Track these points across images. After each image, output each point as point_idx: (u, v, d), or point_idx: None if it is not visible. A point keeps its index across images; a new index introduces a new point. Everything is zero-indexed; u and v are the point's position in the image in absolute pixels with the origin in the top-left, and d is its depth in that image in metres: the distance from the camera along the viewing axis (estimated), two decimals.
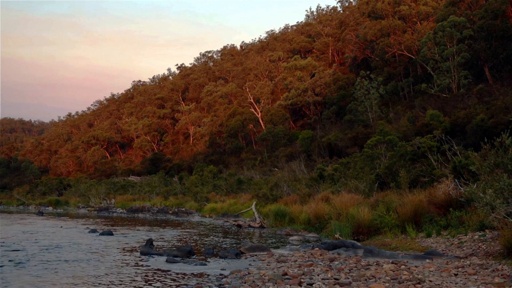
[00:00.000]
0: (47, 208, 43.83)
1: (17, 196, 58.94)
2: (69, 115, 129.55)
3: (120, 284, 8.28)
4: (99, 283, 8.37)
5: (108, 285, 8.25)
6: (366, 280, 7.59)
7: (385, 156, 21.77)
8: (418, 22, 49.10)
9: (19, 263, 10.62)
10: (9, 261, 10.78)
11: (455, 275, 7.64)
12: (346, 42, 58.85)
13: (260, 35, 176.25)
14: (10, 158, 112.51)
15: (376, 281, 7.45)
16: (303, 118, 58.19)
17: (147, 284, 8.32)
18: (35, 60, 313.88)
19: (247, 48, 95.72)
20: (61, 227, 21.38)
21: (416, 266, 8.53)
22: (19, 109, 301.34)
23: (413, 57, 45.06)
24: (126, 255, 12.01)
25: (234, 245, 13.78)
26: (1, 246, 13.73)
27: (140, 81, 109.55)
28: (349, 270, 8.51)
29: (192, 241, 15.18)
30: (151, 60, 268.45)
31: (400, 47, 46.58)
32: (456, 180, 13.96)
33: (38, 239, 15.62)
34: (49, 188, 59.92)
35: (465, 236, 10.94)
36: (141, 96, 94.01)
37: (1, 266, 10.11)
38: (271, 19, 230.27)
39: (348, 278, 7.75)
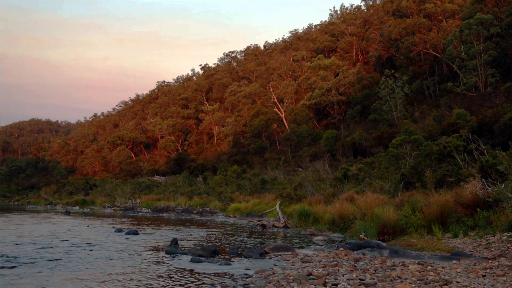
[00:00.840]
0: (73, 207, 44.42)
1: (44, 196, 59.98)
2: (95, 115, 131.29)
3: (146, 283, 8.36)
4: (127, 281, 8.46)
5: (135, 283, 8.33)
6: (391, 280, 7.52)
7: (411, 155, 21.56)
8: (444, 20, 48.53)
9: (56, 260, 10.99)
10: (46, 259, 11.05)
11: (483, 276, 7.52)
12: (370, 41, 58.44)
13: (284, 35, 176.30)
14: (37, 158, 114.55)
15: (402, 281, 7.38)
16: (327, 117, 57.93)
17: (172, 283, 8.37)
18: (62, 62, 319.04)
19: (270, 48, 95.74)
20: (88, 226, 21.68)
21: (442, 267, 8.42)
22: (46, 110, 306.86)
23: (439, 56, 44.52)
24: (151, 254, 12.11)
25: (259, 245, 13.78)
26: (34, 244, 14.12)
27: (164, 81, 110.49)
28: (375, 271, 8.45)
29: (216, 240, 15.24)
30: (175, 60, 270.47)
31: (426, 46, 46.07)
32: (483, 180, 13.76)
33: (67, 238, 15.90)
34: (76, 188, 60.75)
35: (493, 237, 10.77)
36: (166, 96, 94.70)
37: (42, 261, 10.34)
38: (294, 19, 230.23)
39: (374, 279, 7.70)
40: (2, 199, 73.13)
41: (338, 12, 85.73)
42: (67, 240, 15.21)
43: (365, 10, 77.85)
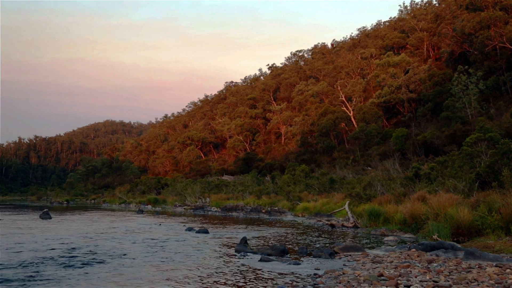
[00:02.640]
0: (146, 206, 45.75)
1: (119, 195, 62.19)
2: (166, 116, 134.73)
3: (216, 281, 8.47)
4: (198, 279, 8.61)
5: (205, 281, 8.46)
6: (467, 283, 7.25)
7: (486, 154, 20.73)
8: None
9: (148, 253, 11.95)
10: (125, 254, 11.79)
11: None
12: (442, 37, 56.66)
13: (352, 32, 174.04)
14: (112, 159, 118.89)
15: (478, 284, 7.10)
16: (396, 115, 56.72)
17: (242, 281, 8.44)
18: (135, 64, 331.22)
19: (338, 46, 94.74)
20: (160, 224, 22.26)
21: None
22: (120, 111, 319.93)
23: None
24: (221, 252, 12.27)
25: (328, 244, 13.67)
26: (114, 239, 15.07)
27: (232, 82, 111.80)
28: (449, 273, 8.18)
29: (285, 240, 15.24)
30: (243, 61, 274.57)
31: (502, 39, 44.15)
32: None
33: (143, 235, 16.49)
34: (148, 187, 62.52)
35: None
36: (234, 96, 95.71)
37: (122, 256, 10.80)
38: (363, 16, 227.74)
39: (448, 281, 7.45)
40: (80, 198, 76.39)
41: (408, 7, 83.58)
42: (146, 236, 15.74)
43: (437, 5, 75.45)
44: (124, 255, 11.63)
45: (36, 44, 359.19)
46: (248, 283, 8.24)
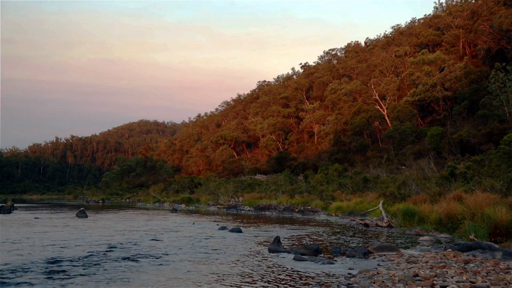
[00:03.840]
0: (180, 205, 46.15)
1: (153, 194, 62.91)
2: (199, 116, 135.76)
3: (249, 280, 8.51)
4: (231, 277, 8.68)
5: (238, 280, 8.51)
6: (506, 284, 7.11)
7: None
8: None
9: (183, 250, 11.83)
10: (161, 251, 11.72)
11: None
12: (478, 33, 55.57)
13: (385, 30, 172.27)
14: (146, 158, 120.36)
15: None
16: (431, 114, 55.85)
17: (275, 280, 8.47)
18: (169, 64, 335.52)
19: (371, 44, 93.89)
20: (193, 223, 22.45)
21: None
22: (154, 111, 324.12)
23: None
24: (254, 251, 12.31)
25: (362, 244, 13.58)
26: (159, 237, 15.14)
27: (265, 81, 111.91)
28: (487, 273, 8.04)
29: (319, 239, 15.19)
30: (276, 60, 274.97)
31: None
32: None
33: (177, 234, 16.67)
34: (182, 186, 63.07)
35: None
36: (266, 96, 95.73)
37: (160, 253, 10.96)
38: (397, 14, 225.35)
39: (486, 282, 7.32)
40: (115, 197, 77.55)
41: (444, 4, 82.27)
42: (177, 235, 15.92)
43: (473, 1, 74.04)
44: (161, 253, 11.80)
45: (71, 46, 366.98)
46: (281, 282, 8.26)
